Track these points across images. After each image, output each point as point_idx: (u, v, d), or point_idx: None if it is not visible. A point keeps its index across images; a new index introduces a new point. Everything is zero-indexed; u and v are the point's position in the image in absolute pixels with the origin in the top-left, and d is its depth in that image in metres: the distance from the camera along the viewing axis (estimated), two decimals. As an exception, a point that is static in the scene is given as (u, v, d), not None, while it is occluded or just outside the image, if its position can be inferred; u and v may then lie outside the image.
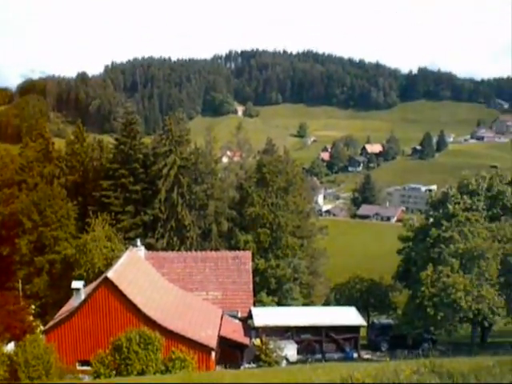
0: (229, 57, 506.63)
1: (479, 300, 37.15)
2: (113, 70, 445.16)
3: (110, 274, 35.88)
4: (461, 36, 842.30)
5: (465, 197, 47.03)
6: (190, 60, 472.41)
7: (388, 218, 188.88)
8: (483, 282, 38.06)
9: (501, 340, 47.77)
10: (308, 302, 63.76)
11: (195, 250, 54.69)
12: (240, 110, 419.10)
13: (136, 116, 74.97)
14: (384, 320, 53.25)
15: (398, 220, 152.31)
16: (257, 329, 41.53)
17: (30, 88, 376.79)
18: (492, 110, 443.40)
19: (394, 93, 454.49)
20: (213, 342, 35.38)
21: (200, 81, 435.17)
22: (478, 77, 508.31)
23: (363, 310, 53.38)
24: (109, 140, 76.32)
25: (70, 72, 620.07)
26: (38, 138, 68.98)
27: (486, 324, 43.94)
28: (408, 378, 10.49)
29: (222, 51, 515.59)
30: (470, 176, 49.71)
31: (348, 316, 44.75)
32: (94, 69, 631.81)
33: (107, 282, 35.45)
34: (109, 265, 43.36)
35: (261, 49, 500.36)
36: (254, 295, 48.93)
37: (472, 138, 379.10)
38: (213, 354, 34.92)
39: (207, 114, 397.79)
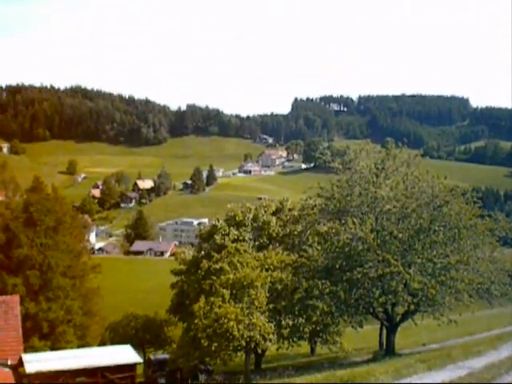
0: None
1: (251, 328, 38.32)
2: None
3: None
4: (231, 77, 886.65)
5: (232, 228, 48.72)
6: None
7: (162, 253, 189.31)
8: (253, 309, 39.39)
9: (274, 365, 49.61)
10: (83, 343, 61.57)
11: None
12: (5, 147, 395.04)
13: None
14: (160, 355, 53.02)
15: (172, 254, 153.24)
16: (29, 376, 39.19)
17: None
18: (257, 144, 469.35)
19: (163, 129, 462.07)
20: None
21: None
22: (243, 113, 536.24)
23: (139, 346, 52.77)
24: None
25: None
26: None
27: (260, 351, 45.55)
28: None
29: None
30: (236, 208, 51.61)
31: (123, 354, 43.76)
32: None
33: None
34: None
35: (26, 83, 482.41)
36: (25, 341, 46.15)
37: (240, 171, 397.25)
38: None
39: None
